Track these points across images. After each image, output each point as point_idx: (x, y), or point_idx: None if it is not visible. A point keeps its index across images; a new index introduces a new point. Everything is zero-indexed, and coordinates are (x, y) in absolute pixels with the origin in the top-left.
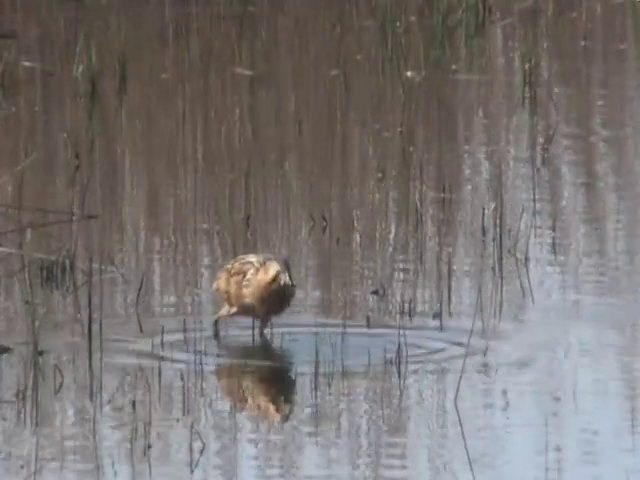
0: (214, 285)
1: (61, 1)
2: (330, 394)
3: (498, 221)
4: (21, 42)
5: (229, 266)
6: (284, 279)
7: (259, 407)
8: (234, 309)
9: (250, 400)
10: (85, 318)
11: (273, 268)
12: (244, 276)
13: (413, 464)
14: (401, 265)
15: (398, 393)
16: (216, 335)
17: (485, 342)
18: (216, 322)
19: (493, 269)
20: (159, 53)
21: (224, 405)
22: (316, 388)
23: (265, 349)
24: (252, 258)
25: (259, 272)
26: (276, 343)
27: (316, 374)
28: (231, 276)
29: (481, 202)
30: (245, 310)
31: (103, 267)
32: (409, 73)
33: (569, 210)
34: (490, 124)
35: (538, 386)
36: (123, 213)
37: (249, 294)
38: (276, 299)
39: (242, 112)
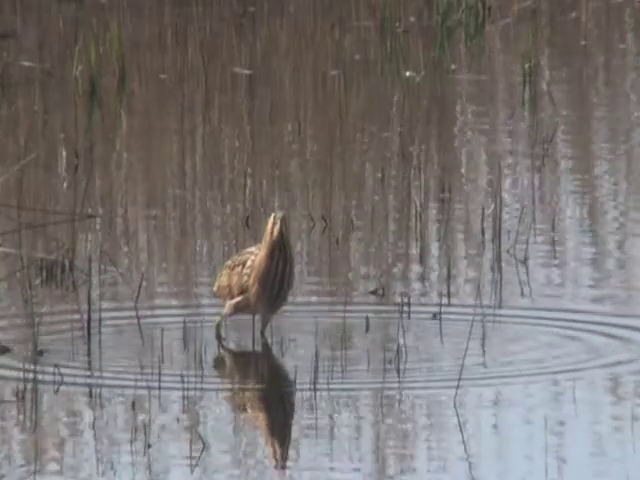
0: (215, 286)
1: (61, 1)
2: (330, 394)
3: (498, 221)
4: (21, 42)
5: (229, 262)
6: (280, 217)
7: (259, 407)
8: (235, 300)
9: (250, 400)
10: (85, 318)
11: (270, 218)
12: (244, 265)
13: (413, 465)
14: (401, 265)
15: (397, 393)
16: (218, 337)
17: (484, 342)
18: (219, 325)
19: (492, 269)
20: (159, 53)
21: (224, 405)
22: (316, 388)
23: (265, 349)
24: (251, 248)
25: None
26: (276, 343)
27: (315, 374)
28: (232, 270)
29: (481, 202)
30: (247, 301)
31: (103, 267)
32: (409, 73)
33: (569, 210)
34: (490, 124)
35: (538, 385)
36: (123, 213)
37: (250, 277)
38: (277, 270)
39: (242, 112)
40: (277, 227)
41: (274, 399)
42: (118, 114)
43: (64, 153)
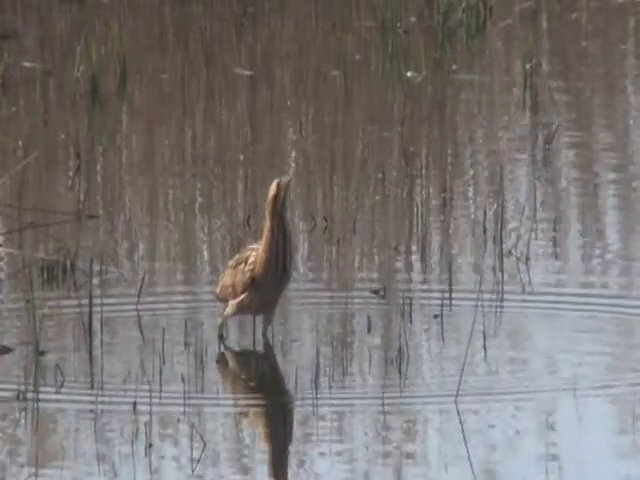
0: (217, 288)
1: (62, 1)
2: (330, 394)
3: (498, 221)
4: (22, 42)
5: (231, 262)
6: (284, 182)
7: (260, 407)
8: (238, 299)
9: (251, 400)
10: (85, 318)
11: (273, 184)
12: (246, 262)
13: (412, 467)
14: (401, 265)
15: (398, 394)
16: (220, 337)
17: (485, 341)
18: (221, 326)
19: (493, 269)
20: (159, 53)
21: (225, 405)
22: (316, 388)
23: (266, 350)
24: (253, 245)
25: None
26: (277, 344)
27: (317, 374)
28: (234, 268)
29: (482, 202)
30: (249, 299)
31: (103, 267)
32: (409, 73)
33: (570, 210)
34: (490, 124)
35: (539, 385)
36: (123, 213)
37: (255, 262)
38: (280, 243)
39: (242, 112)
40: (274, 193)
41: (274, 400)
42: (119, 114)
43: (65, 153)
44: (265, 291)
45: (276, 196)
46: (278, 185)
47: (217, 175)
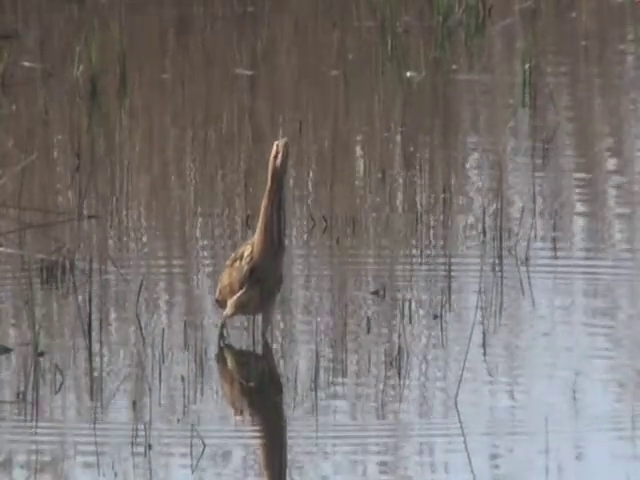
0: (216, 292)
1: (61, 1)
2: (330, 395)
3: (498, 221)
4: (22, 42)
5: (228, 262)
6: (281, 143)
7: (259, 408)
8: (236, 296)
9: (251, 400)
10: (85, 318)
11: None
12: (242, 258)
13: (412, 467)
14: (401, 265)
15: (398, 394)
16: (220, 337)
17: (485, 343)
18: (221, 326)
19: (493, 269)
20: (159, 53)
21: (224, 406)
22: (316, 389)
23: (265, 350)
24: (247, 241)
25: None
26: (276, 344)
27: (316, 375)
28: (231, 267)
29: (481, 202)
30: (248, 295)
31: (103, 267)
32: (409, 73)
33: (569, 210)
34: (490, 124)
35: (538, 386)
36: (123, 213)
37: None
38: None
39: (242, 112)
40: (273, 155)
41: (274, 400)
42: (119, 114)
43: (65, 153)
44: (264, 276)
45: (275, 157)
46: (276, 147)
47: (217, 175)
